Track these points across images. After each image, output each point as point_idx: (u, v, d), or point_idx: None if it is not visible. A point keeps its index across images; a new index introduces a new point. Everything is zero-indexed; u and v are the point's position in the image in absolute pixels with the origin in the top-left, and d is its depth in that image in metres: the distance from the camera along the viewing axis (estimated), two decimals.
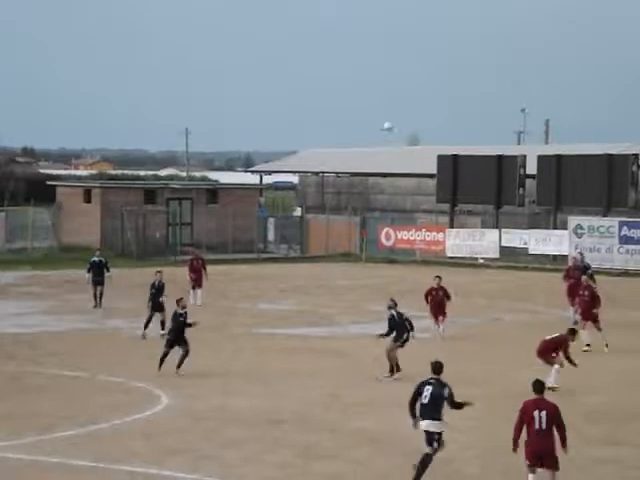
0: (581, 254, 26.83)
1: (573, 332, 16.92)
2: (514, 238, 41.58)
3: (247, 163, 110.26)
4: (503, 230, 41.88)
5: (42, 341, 21.58)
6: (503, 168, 42.53)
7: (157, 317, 21.79)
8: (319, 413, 14.74)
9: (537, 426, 10.72)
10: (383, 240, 44.63)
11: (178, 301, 18.06)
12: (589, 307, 20.88)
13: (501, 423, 14.24)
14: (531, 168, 42.35)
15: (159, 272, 22.65)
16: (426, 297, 22.27)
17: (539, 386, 11.06)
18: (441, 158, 44.60)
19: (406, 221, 45.61)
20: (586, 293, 21.24)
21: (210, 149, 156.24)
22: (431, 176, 46.06)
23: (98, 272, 26.47)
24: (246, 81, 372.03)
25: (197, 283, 27.21)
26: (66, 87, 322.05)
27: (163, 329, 21.05)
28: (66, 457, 12.06)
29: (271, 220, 48.20)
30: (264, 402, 15.44)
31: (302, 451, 12.62)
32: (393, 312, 18.00)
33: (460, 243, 42.57)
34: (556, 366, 16.48)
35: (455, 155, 44.22)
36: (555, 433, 10.72)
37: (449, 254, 42.55)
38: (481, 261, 41.59)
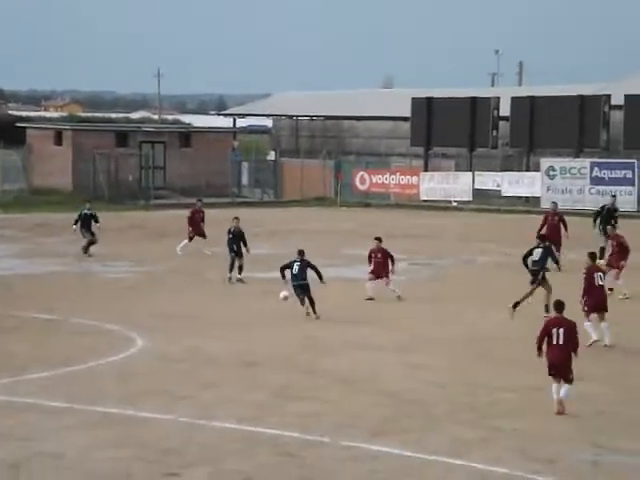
0: (554, 203, 26.84)
1: (592, 256, 15.85)
2: (487, 180, 41.73)
3: (220, 106, 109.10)
4: (476, 173, 41.99)
5: (15, 284, 21.46)
6: (477, 110, 42.45)
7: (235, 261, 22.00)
8: (294, 355, 14.87)
9: (555, 341, 12.01)
10: (358, 184, 44.59)
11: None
12: (618, 258, 19.80)
13: (468, 363, 14.48)
14: (505, 110, 42.30)
15: (236, 218, 22.71)
16: (369, 258, 20.14)
17: (559, 305, 12.31)
18: (415, 101, 44.38)
19: (381, 165, 45.55)
20: (614, 243, 20.20)
21: (182, 91, 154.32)
22: (405, 119, 45.89)
23: (87, 224, 26.21)
24: (219, 22, 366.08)
25: (199, 234, 26.54)
26: (36, 27, 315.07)
27: (240, 274, 21.90)
28: (41, 398, 12.10)
29: (245, 164, 47.90)
30: (240, 345, 15.54)
31: (278, 391, 12.75)
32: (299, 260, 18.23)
33: (434, 186, 42.65)
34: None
35: (429, 98, 44.01)
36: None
37: (423, 197, 42.65)
38: (454, 204, 41.75)
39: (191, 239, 26.43)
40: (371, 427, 11.23)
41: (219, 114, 70.04)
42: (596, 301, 15.20)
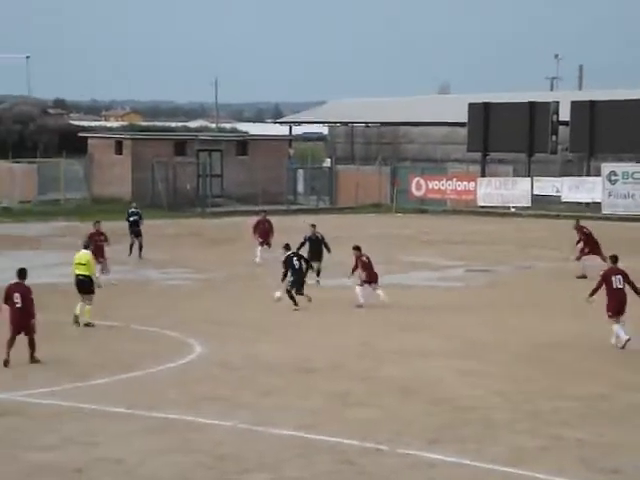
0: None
1: (614, 258, 15.91)
2: (546, 186, 41.18)
3: (276, 114, 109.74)
4: (535, 178, 41.48)
5: (75, 291, 21.82)
6: (535, 115, 41.94)
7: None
8: (351, 362, 14.85)
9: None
10: (414, 190, 44.41)
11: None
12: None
13: (527, 371, 14.28)
14: (564, 115, 41.71)
15: (314, 225, 23.42)
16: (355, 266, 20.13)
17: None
18: (472, 106, 44.04)
19: (437, 171, 45.28)
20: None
21: (239, 100, 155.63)
22: (462, 125, 45.56)
23: (135, 223, 27.29)
24: (275, 31, 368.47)
25: (265, 242, 26.95)
26: (96, 39, 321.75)
27: (318, 276, 22.47)
28: (102, 404, 12.29)
29: (300, 171, 48.09)
30: (297, 351, 15.58)
31: (335, 398, 12.75)
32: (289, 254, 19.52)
33: (491, 192, 42.25)
34: None
35: (486, 103, 43.63)
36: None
37: (480, 203, 42.28)
38: (513, 210, 41.28)
39: (262, 244, 26.83)
40: (428, 435, 11.15)
41: (275, 122, 70.47)
42: (617, 303, 15.51)
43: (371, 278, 19.93)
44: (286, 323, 18.13)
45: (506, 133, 42.06)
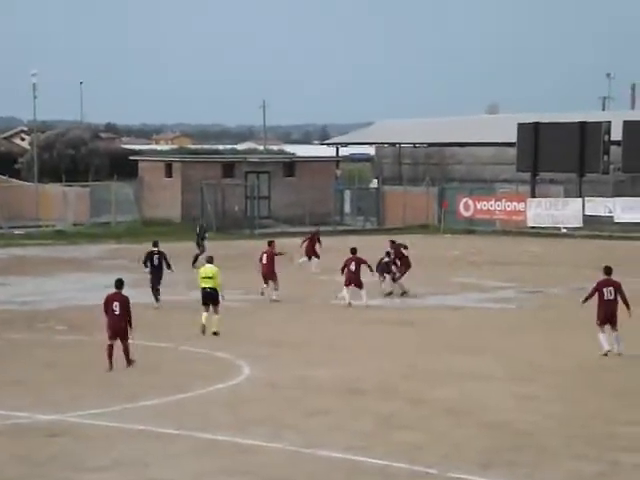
0: None
1: (607, 270, 16.76)
2: (598, 206, 40.59)
3: (323, 136, 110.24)
4: (587, 198, 40.91)
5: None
6: (586, 135, 41.45)
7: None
8: (398, 383, 14.74)
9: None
10: (462, 211, 44.13)
11: None
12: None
13: (581, 394, 13.99)
14: (616, 134, 41.13)
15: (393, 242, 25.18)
16: (343, 268, 22.79)
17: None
18: (521, 126, 43.70)
19: (485, 191, 44.95)
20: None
21: (287, 122, 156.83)
22: (511, 144, 45.21)
23: (202, 237, 31.04)
24: (322, 54, 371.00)
25: (313, 254, 29.59)
26: (146, 65, 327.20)
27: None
28: (151, 425, 12.36)
29: (347, 192, 48.14)
30: (344, 372, 15.52)
31: (384, 420, 12.65)
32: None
33: (542, 212, 41.78)
34: None
35: (536, 123, 43.26)
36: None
37: (530, 224, 41.83)
38: (564, 230, 40.75)
39: (309, 257, 29.37)
40: (479, 459, 10.98)
41: (322, 143, 70.73)
42: (606, 313, 16.35)
43: (353, 280, 22.37)
44: (334, 344, 18.08)
45: (556, 153, 41.60)
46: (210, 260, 19.69)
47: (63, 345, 17.91)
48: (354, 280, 22.43)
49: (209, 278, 19.03)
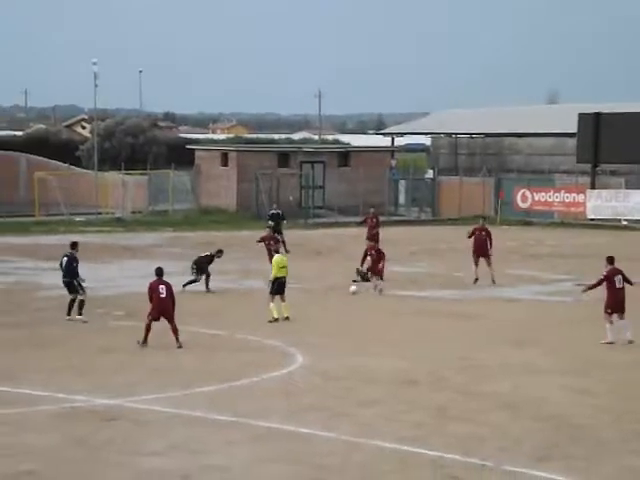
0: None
1: (611, 259, 17.22)
2: None
3: (379, 125, 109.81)
4: None
5: (184, 300, 22.35)
6: None
7: None
8: (452, 375, 14.68)
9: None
10: (519, 202, 43.59)
11: None
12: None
13: (637, 388, 13.77)
14: None
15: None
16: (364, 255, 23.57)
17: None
18: (582, 116, 42.93)
19: (543, 182, 44.31)
20: None
21: (342, 112, 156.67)
22: (571, 135, 44.46)
23: (276, 222, 30.28)
24: (378, 43, 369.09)
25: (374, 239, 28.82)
26: (204, 54, 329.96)
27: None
28: (208, 412, 12.52)
29: (402, 182, 47.92)
30: (397, 363, 15.51)
31: (437, 412, 12.62)
32: None
33: (602, 204, 41.03)
34: None
35: (597, 113, 42.46)
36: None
37: (590, 216, 41.12)
38: (625, 223, 39.97)
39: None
40: (535, 452, 10.89)
41: (377, 133, 70.50)
42: (616, 301, 16.82)
43: (374, 271, 22.65)
44: (386, 334, 18.07)
45: (618, 144, 40.77)
46: (279, 250, 20.12)
47: (119, 331, 18.23)
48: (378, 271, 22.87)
49: (284, 267, 19.57)
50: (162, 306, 16.59)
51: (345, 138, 76.38)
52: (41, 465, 10.26)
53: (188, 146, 49.11)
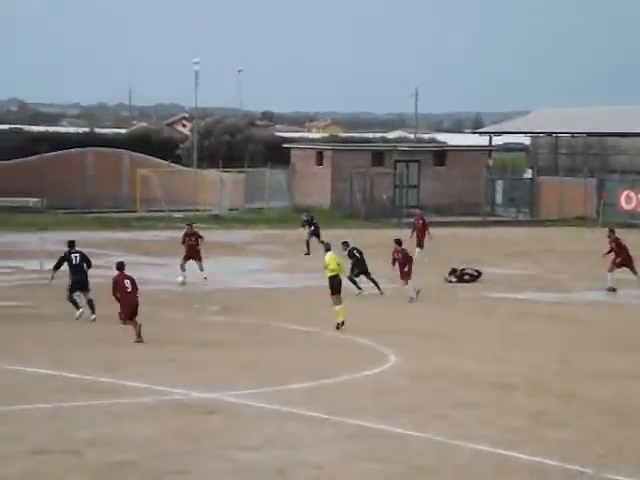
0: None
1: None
2: None
3: (476, 124, 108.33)
4: None
5: (275, 297, 22.57)
6: None
7: None
8: (550, 379, 14.30)
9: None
10: (623, 204, 42.25)
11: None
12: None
13: None
14: None
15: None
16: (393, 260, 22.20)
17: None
18: None
19: None
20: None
21: (439, 110, 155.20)
22: None
23: (315, 226, 31.11)
24: (475, 42, 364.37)
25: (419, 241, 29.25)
26: (300, 54, 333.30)
27: None
28: (301, 408, 12.53)
29: (499, 182, 47.10)
30: (492, 365, 15.21)
31: (534, 416, 12.31)
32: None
33: None
34: None
35: None
36: None
37: None
38: None
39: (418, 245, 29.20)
40: (638, 460, 10.49)
41: (474, 132, 69.52)
42: None
43: (401, 275, 21.70)
44: (478, 336, 17.76)
45: None
46: (330, 248, 19.52)
47: (214, 326, 18.50)
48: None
49: (339, 265, 19.35)
50: (130, 301, 16.54)
51: (441, 137, 75.69)
52: (140, 455, 10.46)
53: (284, 145, 49.52)
